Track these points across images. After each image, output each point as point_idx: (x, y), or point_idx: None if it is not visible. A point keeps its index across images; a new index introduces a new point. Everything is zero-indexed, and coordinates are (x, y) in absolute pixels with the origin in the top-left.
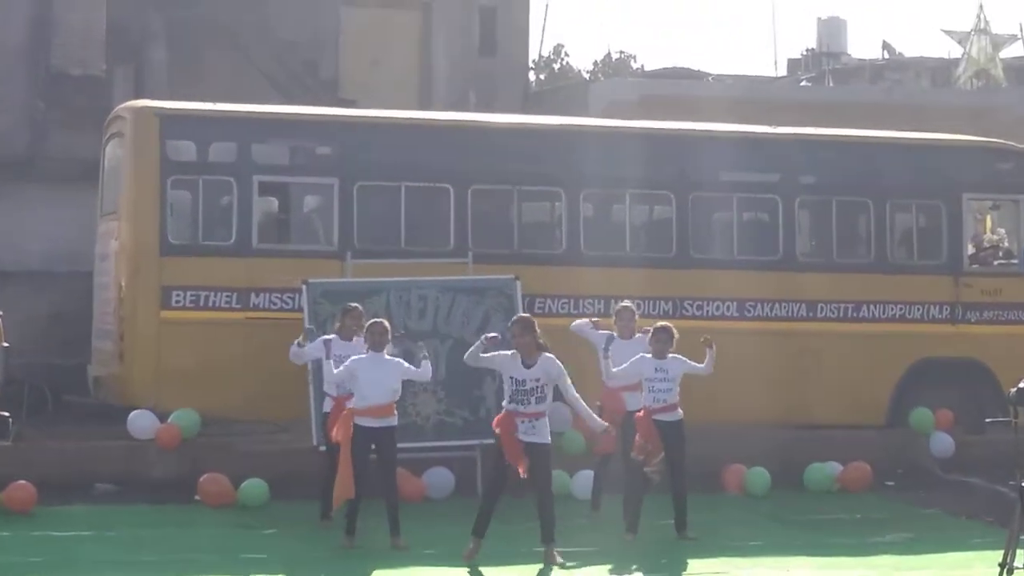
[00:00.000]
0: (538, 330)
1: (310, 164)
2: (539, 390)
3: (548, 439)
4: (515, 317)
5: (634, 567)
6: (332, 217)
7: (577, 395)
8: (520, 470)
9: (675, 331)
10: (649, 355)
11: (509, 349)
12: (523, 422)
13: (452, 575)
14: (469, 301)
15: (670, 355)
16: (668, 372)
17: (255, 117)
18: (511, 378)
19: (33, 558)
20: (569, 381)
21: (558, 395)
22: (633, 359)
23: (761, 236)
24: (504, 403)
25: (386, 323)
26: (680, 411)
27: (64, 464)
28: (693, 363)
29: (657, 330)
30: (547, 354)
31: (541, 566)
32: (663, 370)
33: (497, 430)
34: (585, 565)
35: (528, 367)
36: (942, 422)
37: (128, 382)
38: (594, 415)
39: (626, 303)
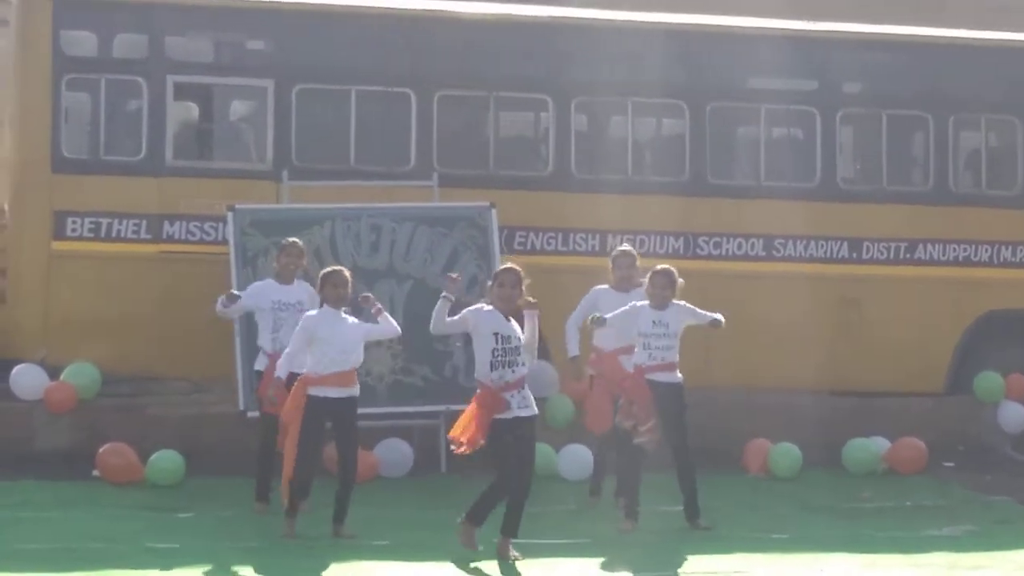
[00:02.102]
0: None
1: (239, 62)
2: (523, 350)
3: (536, 409)
4: (506, 267)
5: (632, 564)
6: (265, 128)
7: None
8: (466, 449)
9: (676, 274)
10: (645, 303)
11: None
12: (512, 396)
13: (408, 570)
14: (433, 233)
15: (671, 304)
16: (668, 326)
17: (171, 3)
18: (495, 335)
19: None
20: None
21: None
22: (625, 308)
23: (795, 158)
24: (484, 372)
25: (347, 273)
26: (680, 374)
27: None
28: (700, 311)
29: (655, 274)
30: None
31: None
32: (662, 323)
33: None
34: (574, 557)
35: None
36: (1014, 389)
37: (11, 329)
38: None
39: (625, 247)
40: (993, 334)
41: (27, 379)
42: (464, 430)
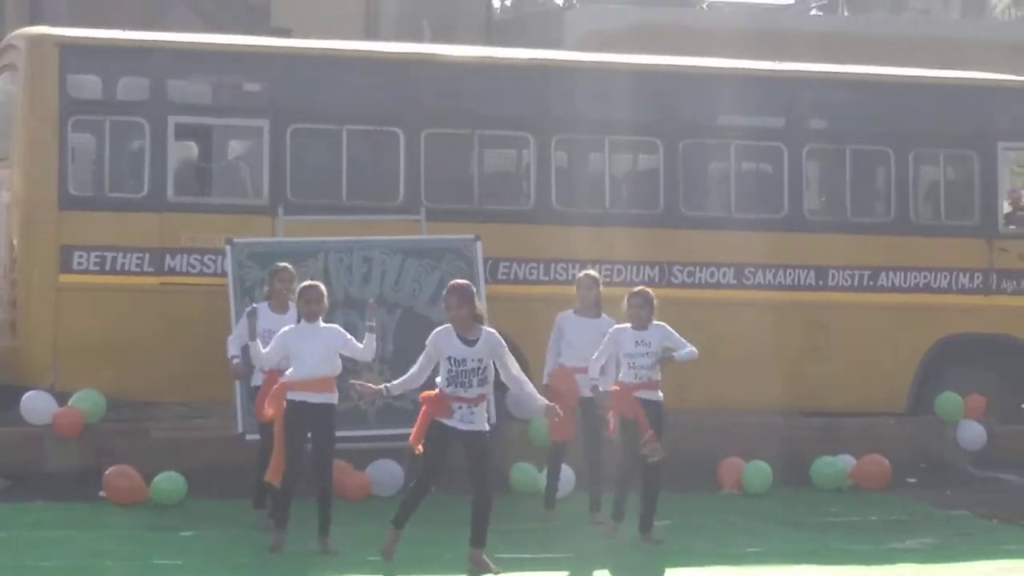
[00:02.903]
0: (477, 300)
1: (236, 103)
2: (482, 371)
3: (487, 426)
4: (450, 284)
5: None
6: (262, 166)
7: (520, 373)
8: (416, 449)
9: (652, 294)
10: (626, 325)
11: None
12: (460, 407)
13: None
14: (422, 265)
15: (652, 324)
16: (651, 345)
17: (172, 48)
18: (449, 358)
19: None
20: (511, 357)
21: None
22: (609, 333)
23: (763, 191)
24: (440, 382)
25: (322, 288)
26: (660, 392)
27: None
28: (677, 337)
29: (632, 296)
30: (487, 328)
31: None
32: (644, 343)
33: (423, 407)
34: (556, 570)
35: (469, 344)
36: (972, 409)
37: (21, 358)
38: (537, 395)
39: (589, 271)
40: (952, 357)
41: (37, 405)
42: (415, 432)
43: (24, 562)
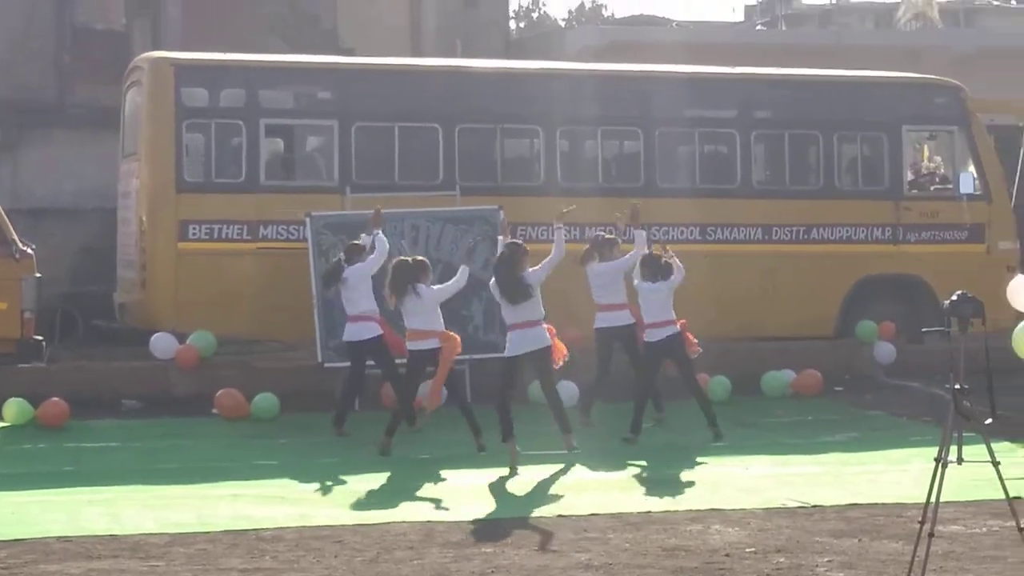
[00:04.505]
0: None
1: (312, 108)
2: None
3: None
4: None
5: (608, 466)
6: (333, 155)
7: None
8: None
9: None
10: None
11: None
12: None
13: (451, 475)
14: (457, 230)
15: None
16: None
17: (262, 65)
18: None
19: (66, 467)
20: None
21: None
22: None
23: (720, 167)
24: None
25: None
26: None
27: (93, 383)
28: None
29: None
30: None
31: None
32: None
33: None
34: (568, 463)
35: None
36: (885, 333)
37: (150, 307)
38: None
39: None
40: (869, 292)
41: (162, 344)
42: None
43: (156, 464)
